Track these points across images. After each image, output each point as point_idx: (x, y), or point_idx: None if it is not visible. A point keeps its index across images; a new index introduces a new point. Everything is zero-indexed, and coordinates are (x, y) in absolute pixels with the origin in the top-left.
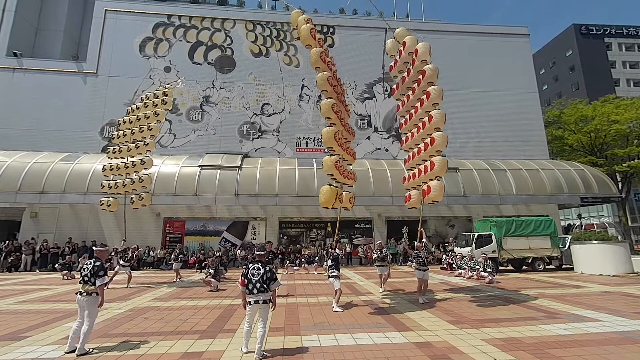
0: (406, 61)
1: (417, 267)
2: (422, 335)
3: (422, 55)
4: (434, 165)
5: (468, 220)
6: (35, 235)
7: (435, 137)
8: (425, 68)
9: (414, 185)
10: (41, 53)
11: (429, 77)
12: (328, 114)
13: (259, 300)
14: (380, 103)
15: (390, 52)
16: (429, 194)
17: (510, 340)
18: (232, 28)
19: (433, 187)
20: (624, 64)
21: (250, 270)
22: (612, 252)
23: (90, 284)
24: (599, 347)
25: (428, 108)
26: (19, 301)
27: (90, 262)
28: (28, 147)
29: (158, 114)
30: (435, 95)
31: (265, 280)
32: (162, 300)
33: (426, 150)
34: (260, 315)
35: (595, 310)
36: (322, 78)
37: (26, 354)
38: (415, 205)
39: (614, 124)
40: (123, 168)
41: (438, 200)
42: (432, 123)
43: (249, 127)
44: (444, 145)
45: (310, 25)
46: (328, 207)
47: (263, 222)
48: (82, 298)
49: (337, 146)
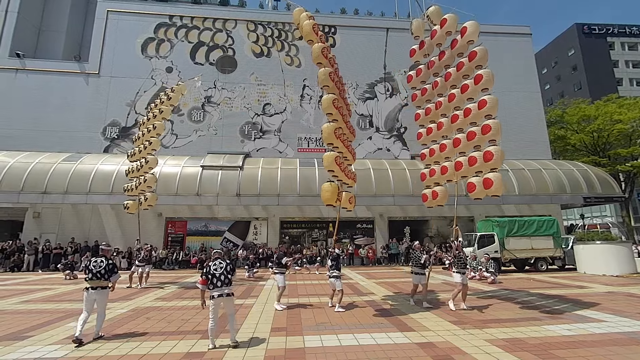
0: (439, 43)
1: (458, 270)
2: (425, 335)
3: (470, 35)
4: (491, 155)
5: (470, 220)
6: (38, 235)
7: (490, 124)
8: (476, 49)
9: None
10: (43, 54)
11: (479, 60)
12: (329, 109)
13: (223, 293)
14: (382, 103)
15: (415, 32)
16: (488, 187)
17: (514, 341)
18: (233, 28)
19: (494, 179)
20: (626, 64)
21: (213, 267)
22: (616, 252)
23: (104, 279)
24: (603, 348)
25: (473, 94)
26: (21, 301)
27: (100, 260)
28: (31, 147)
29: (162, 112)
30: (488, 79)
31: (227, 272)
32: (164, 300)
33: (471, 139)
34: (227, 308)
35: (599, 310)
36: (324, 73)
37: (29, 354)
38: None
39: (616, 124)
40: (136, 170)
41: (499, 195)
42: (483, 110)
43: (250, 127)
44: (499, 134)
45: (312, 21)
46: (332, 204)
47: (265, 222)
48: (94, 292)
49: (339, 142)
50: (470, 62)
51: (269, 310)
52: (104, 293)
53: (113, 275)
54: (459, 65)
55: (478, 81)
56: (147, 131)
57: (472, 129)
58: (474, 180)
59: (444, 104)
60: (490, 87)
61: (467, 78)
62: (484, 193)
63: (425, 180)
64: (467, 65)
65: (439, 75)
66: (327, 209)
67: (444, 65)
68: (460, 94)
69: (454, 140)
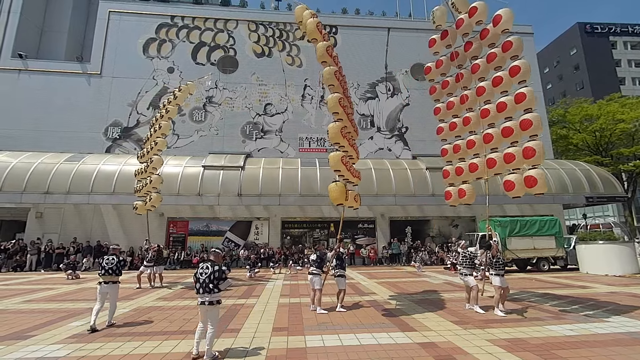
0: (466, 32)
1: (497, 272)
2: (427, 335)
3: (504, 24)
4: (533, 152)
5: (472, 220)
6: (41, 235)
7: (530, 119)
8: (511, 39)
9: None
10: (46, 54)
11: (514, 50)
12: (335, 108)
13: (205, 301)
14: (383, 103)
15: (438, 21)
16: (531, 185)
17: (516, 341)
18: (234, 28)
19: (538, 177)
20: (629, 63)
21: (200, 270)
22: (618, 252)
23: (115, 275)
24: (606, 349)
25: (506, 87)
26: (24, 301)
27: (112, 258)
28: (33, 147)
29: (169, 111)
30: (525, 70)
31: (213, 279)
32: (166, 300)
33: (507, 135)
34: (208, 317)
35: (601, 311)
36: (329, 72)
37: (31, 353)
38: (516, 195)
39: (619, 123)
40: (144, 171)
41: (542, 192)
42: (522, 103)
43: (251, 127)
44: (541, 128)
45: (316, 20)
46: (342, 203)
47: (266, 222)
48: (107, 286)
49: (345, 141)
50: (504, 53)
51: (270, 310)
52: (114, 287)
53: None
54: (489, 56)
55: (515, 73)
56: (154, 131)
57: (508, 124)
58: (512, 178)
59: (470, 97)
60: (528, 79)
61: (499, 70)
62: (524, 191)
63: (448, 177)
64: (500, 56)
65: (463, 67)
66: (329, 208)
67: (471, 56)
68: (491, 87)
69: (485, 136)
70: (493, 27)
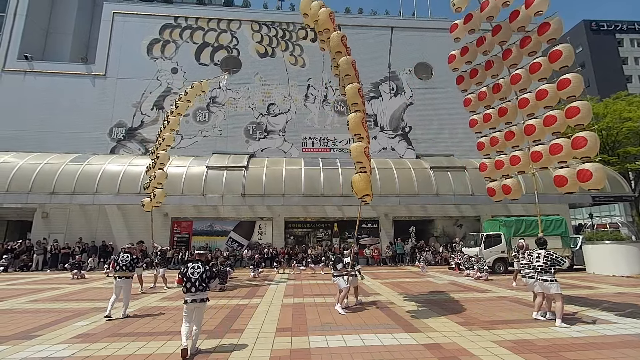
0: (490, 15)
1: (553, 277)
2: (431, 336)
3: (538, 5)
4: (584, 142)
5: (476, 220)
6: (47, 235)
7: (578, 106)
8: (549, 21)
9: (522, 170)
10: (51, 56)
11: (552, 33)
12: (354, 98)
13: (197, 299)
14: (387, 102)
15: (458, 4)
16: (586, 180)
17: (522, 343)
18: (238, 29)
19: (593, 171)
20: (636, 60)
21: (190, 269)
22: (625, 252)
23: (129, 271)
24: (614, 350)
25: (545, 74)
26: (30, 300)
27: (126, 255)
28: (39, 148)
29: (178, 107)
30: (568, 55)
31: (204, 278)
32: (170, 300)
33: (550, 125)
34: (195, 316)
35: (609, 312)
36: (347, 61)
37: (37, 353)
38: (569, 191)
39: (626, 122)
40: (152, 167)
41: (599, 188)
42: (565, 90)
43: (255, 127)
44: (590, 116)
45: (328, 9)
46: (369, 194)
47: (269, 222)
48: (121, 280)
49: (365, 132)
50: (540, 37)
51: (274, 310)
52: (128, 282)
53: (137, 267)
54: (523, 40)
55: (555, 58)
56: (164, 127)
57: (551, 112)
58: (564, 172)
59: (504, 86)
60: (570, 64)
61: (534, 55)
62: (577, 186)
63: (485, 171)
64: (535, 41)
65: (489, 54)
66: (332, 208)
67: (500, 42)
68: (528, 74)
69: (526, 127)
70: (525, 9)
